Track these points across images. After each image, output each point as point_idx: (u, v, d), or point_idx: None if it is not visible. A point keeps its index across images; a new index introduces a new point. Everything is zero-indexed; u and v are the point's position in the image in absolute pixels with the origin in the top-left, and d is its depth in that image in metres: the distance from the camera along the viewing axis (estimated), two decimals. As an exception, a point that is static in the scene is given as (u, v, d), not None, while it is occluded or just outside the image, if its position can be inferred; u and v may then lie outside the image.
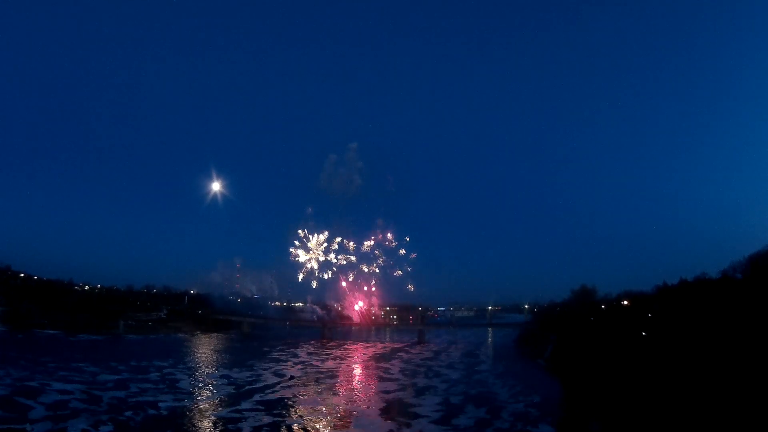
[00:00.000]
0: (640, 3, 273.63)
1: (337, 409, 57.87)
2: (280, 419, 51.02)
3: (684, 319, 64.66)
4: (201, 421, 49.82)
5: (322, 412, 55.76)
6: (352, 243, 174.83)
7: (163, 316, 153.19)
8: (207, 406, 56.21)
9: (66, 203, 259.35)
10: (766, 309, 52.18)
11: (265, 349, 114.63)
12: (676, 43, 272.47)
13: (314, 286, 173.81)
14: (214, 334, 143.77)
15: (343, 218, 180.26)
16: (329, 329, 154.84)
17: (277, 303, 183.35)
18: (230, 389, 65.46)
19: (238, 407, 54.91)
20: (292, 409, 56.14)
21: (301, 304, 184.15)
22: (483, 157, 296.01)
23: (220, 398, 60.22)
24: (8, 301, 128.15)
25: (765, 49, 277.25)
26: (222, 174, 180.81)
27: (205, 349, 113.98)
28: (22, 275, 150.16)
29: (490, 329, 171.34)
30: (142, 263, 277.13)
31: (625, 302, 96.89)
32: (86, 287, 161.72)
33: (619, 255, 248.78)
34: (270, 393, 64.04)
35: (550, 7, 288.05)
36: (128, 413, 49.41)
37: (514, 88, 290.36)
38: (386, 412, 56.82)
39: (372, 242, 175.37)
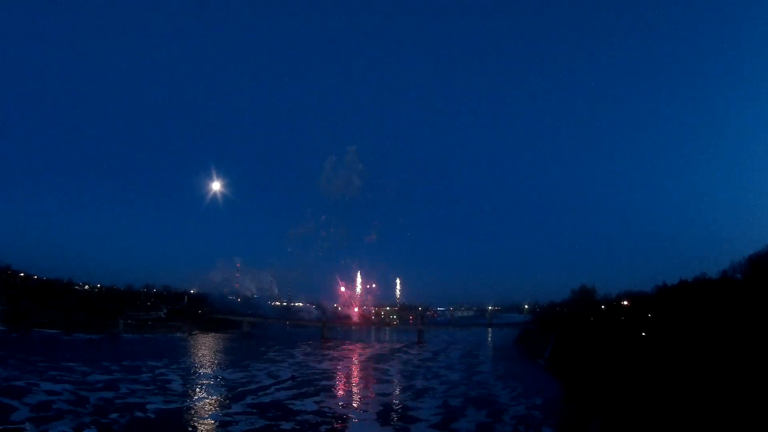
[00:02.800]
0: (642, 3, 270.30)
1: (333, 412, 56.48)
2: (273, 422, 49.93)
3: (684, 319, 63.73)
4: (189, 424, 48.81)
5: (317, 415, 54.29)
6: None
7: (162, 315, 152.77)
8: (197, 408, 55.12)
9: (66, 203, 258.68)
10: (766, 310, 51.15)
11: (263, 349, 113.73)
12: (676, 42, 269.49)
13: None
14: (213, 334, 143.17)
15: (343, 219, 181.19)
16: (328, 329, 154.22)
17: (276, 303, 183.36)
18: (223, 391, 64.48)
19: (229, 410, 53.90)
20: (286, 412, 54.79)
21: (300, 304, 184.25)
22: (483, 156, 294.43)
23: (212, 400, 59.21)
24: (8, 300, 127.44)
25: (765, 48, 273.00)
26: (222, 174, 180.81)
27: (201, 349, 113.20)
28: (22, 275, 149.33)
29: (489, 329, 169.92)
30: (142, 263, 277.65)
31: (625, 302, 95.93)
32: (86, 287, 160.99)
33: (619, 255, 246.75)
34: (264, 395, 62.86)
35: (551, 7, 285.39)
36: (114, 415, 48.42)
37: (513, 88, 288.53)
38: (383, 415, 55.45)
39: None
